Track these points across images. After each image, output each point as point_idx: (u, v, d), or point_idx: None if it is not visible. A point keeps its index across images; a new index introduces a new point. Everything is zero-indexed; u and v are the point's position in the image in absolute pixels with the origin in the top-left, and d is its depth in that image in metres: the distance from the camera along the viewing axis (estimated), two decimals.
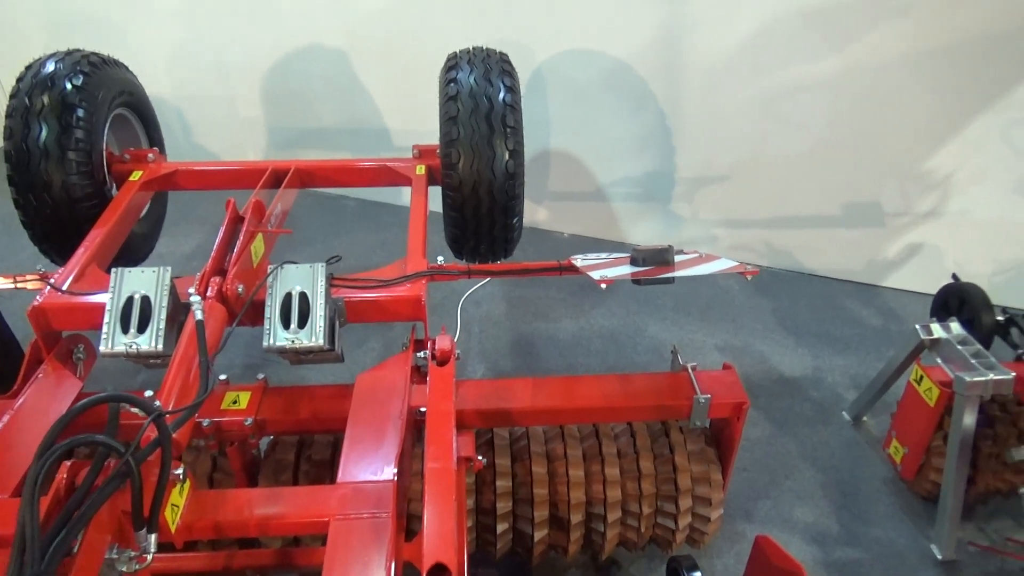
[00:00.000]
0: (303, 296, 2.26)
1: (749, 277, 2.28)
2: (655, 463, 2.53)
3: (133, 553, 1.49)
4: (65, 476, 1.42)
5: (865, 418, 3.35)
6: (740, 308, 4.04)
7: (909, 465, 2.91)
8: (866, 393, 3.30)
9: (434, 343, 2.14)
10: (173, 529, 1.74)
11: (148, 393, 1.72)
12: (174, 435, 1.77)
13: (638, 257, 2.36)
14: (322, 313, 2.24)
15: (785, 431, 3.30)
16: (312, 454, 2.50)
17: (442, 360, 2.09)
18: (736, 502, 2.97)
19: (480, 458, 2.34)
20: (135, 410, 1.54)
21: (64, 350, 2.41)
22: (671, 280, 2.34)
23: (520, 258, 4.33)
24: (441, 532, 1.64)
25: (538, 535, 2.48)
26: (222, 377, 2.49)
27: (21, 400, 2.16)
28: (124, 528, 1.51)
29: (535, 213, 4.72)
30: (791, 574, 2.04)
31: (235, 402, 2.39)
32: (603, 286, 2.21)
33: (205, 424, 2.32)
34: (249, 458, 2.45)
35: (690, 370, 2.51)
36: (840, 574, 2.73)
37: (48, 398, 2.20)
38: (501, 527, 2.48)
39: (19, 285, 2.50)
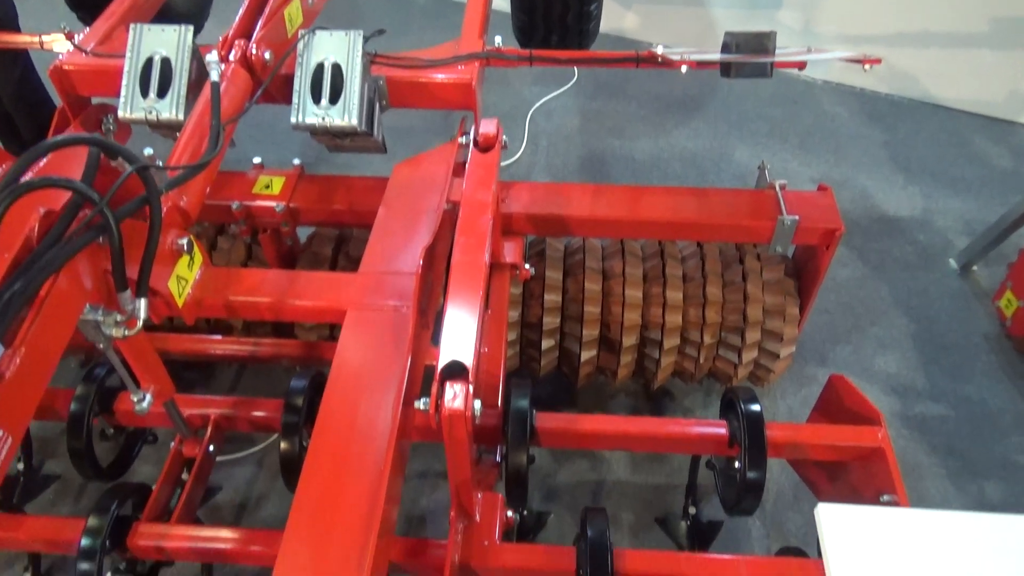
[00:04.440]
0: (336, 68, 1.99)
1: (867, 67, 1.86)
2: (724, 291, 2.26)
3: (120, 317, 1.36)
4: (38, 225, 1.27)
5: (975, 267, 2.94)
6: (846, 138, 3.55)
7: (1021, 321, 2.55)
8: (981, 239, 2.87)
9: (477, 127, 1.85)
10: (180, 303, 1.60)
11: (149, 151, 1.53)
12: (181, 204, 1.61)
13: (731, 43, 1.95)
14: (357, 88, 1.97)
15: (879, 274, 2.94)
16: (350, 250, 2.33)
17: (485, 146, 1.81)
18: (811, 344, 2.70)
19: (528, 267, 2.13)
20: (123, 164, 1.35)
21: (92, 118, 2.24)
22: (768, 72, 1.94)
23: (600, 73, 3.92)
24: (462, 330, 1.44)
25: (585, 355, 2.30)
26: (256, 160, 2.30)
27: (41, 165, 2.02)
28: (111, 290, 1.37)
29: (621, 19, 4.20)
30: (866, 419, 1.80)
31: (267, 187, 2.22)
32: (683, 69, 1.85)
33: (235, 207, 2.16)
34: (284, 249, 2.30)
35: (778, 188, 2.16)
36: (919, 431, 2.47)
37: (68, 165, 2.05)
38: (546, 343, 2.30)
39: (45, 45, 2.31)
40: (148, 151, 1.83)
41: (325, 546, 1.30)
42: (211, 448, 1.87)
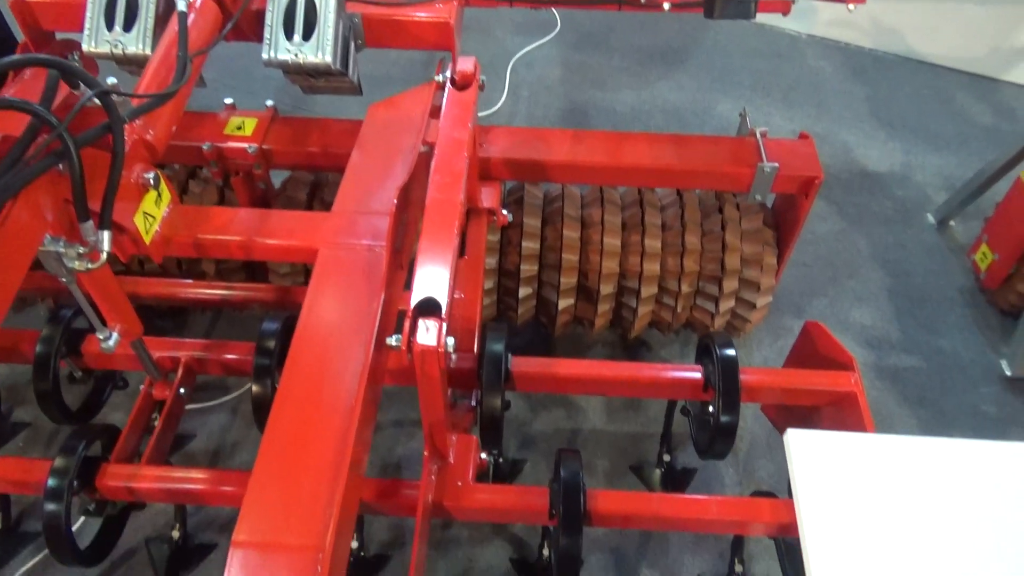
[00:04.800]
0: (309, 2, 1.92)
1: (851, 7, 1.83)
2: (702, 239, 2.25)
3: (83, 249, 1.32)
4: None
5: (952, 223, 2.96)
6: (829, 93, 3.53)
7: (995, 274, 2.56)
8: (959, 194, 2.88)
9: (455, 66, 1.81)
10: (148, 240, 1.56)
11: (112, 80, 1.48)
12: (147, 137, 1.55)
13: None
14: (331, 24, 1.91)
15: (858, 229, 2.95)
16: (325, 195, 2.29)
17: (462, 84, 1.77)
18: (788, 297, 2.71)
19: (505, 212, 2.10)
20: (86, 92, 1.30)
21: (55, 54, 2.16)
22: (751, 12, 1.90)
23: (581, 17, 3.85)
24: (436, 267, 1.42)
25: (563, 304, 2.29)
26: (228, 101, 2.25)
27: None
28: (73, 221, 1.32)
29: None
30: (840, 364, 1.81)
31: (239, 128, 2.16)
32: (666, 6, 1.81)
33: (205, 148, 2.11)
34: (257, 193, 2.25)
35: (758, 135, 2.15)
36: (891, 381, 2.50)
37: (28, 95, 1.98)
38: (524, 292, 2.29)
39: None
40: (111, 80, 1.77)
41: (294, 484, 1.28)
42: (182, 391, 1.85)
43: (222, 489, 1.65)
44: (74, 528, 2.04)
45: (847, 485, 1.05)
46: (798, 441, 1.08)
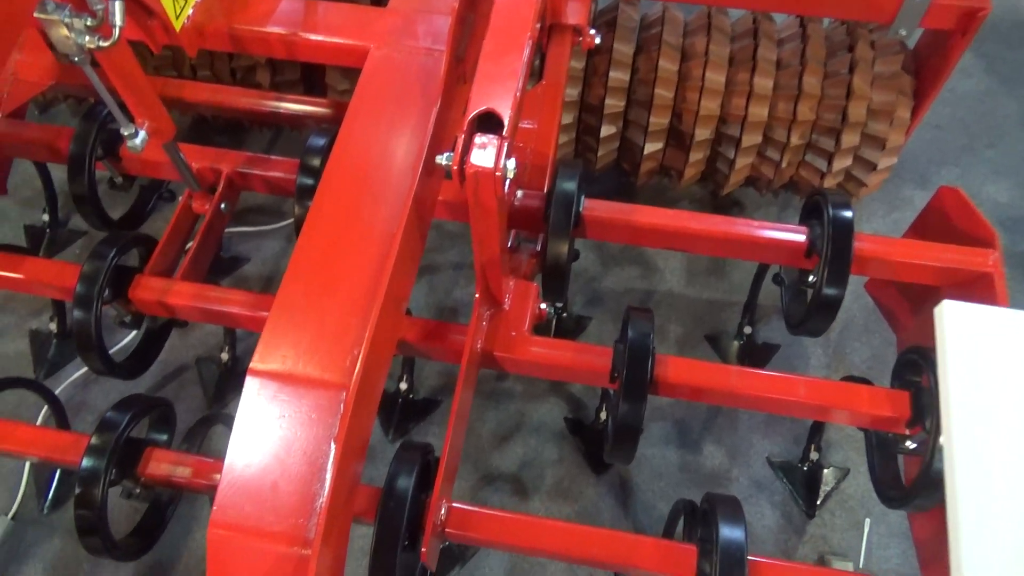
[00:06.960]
0: None
1: None
2: (824, 83, 1.91)
3: (91, 20, 1.13)
4: None
5: None
6: None
7: None
8: None
9: None
10: (178, 26, 1.36)
11: None
12: None
13: None
14: None
15: (1009, 89, 2.50)
16: None
17: None
18: (912, 162, 2.35)
19: (593, 32, 1.80)
20: None
21: None
22: None
23: None
24: (500, 75, 1.17)
25: (649, 148, 2.01)
26: None
27: None
28: None
29: None
30: (978, 240, 1.52)
31: None
32: None
33: None
34: None
35: None
36: (1021, 268, 2.16)
37: None
38: (607, 130, 2.02)
39: None
40: None
41: (321, 314, 1.13)
42: (223, 206, 1.70)
43: (259, 314, 1.53)
44: (123, 343, 2.02)
45: (1004, 364, 0.82)
46: (954, 314, 0.85)
